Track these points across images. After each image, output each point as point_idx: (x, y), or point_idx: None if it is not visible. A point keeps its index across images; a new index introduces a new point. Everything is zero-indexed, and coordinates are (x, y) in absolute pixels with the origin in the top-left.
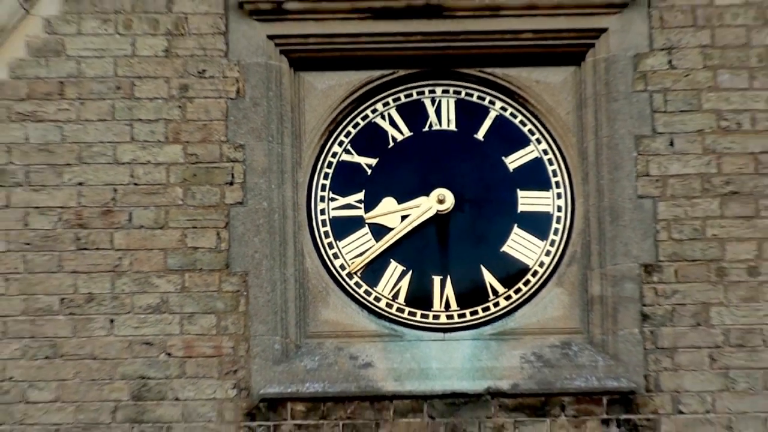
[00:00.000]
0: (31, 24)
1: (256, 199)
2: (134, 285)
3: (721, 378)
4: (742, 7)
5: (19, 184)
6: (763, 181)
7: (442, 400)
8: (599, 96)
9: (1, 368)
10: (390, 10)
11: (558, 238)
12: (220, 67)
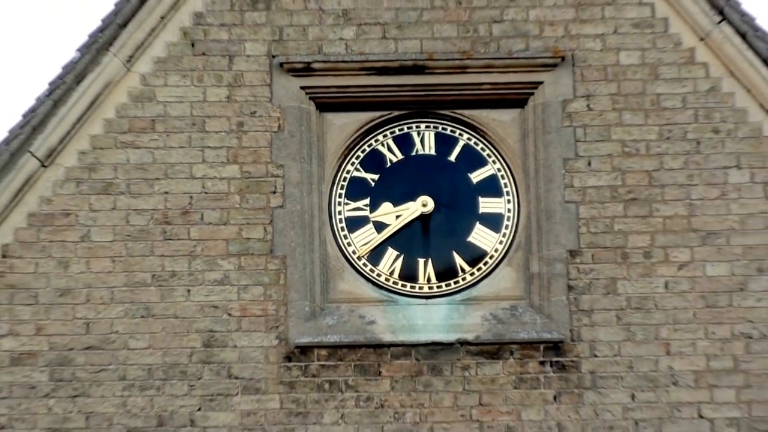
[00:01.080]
0: (131, 78)
1: (291, 203)
2: (204, 265)
3: (624, 331)
4: (639, 66)
5: (122, 192)
6: (654, 191)
7: (425, 347)
8: (537, 130)
9: (110, 324)
10: (387, 69)
11: (508, 232)
12: (266, 109)
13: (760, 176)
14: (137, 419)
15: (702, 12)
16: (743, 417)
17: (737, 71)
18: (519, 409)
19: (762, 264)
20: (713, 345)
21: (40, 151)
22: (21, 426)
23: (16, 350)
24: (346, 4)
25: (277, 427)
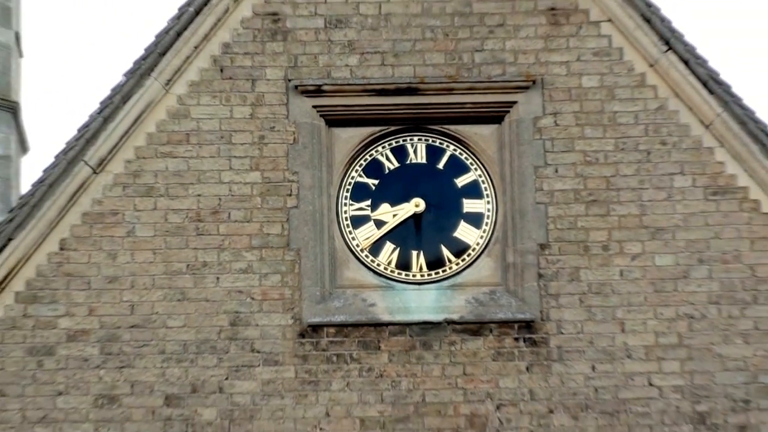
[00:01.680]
0: (169, 99)
1: (305, 204)
2: (231, 256)
3: (585, 312)
4: (598, 89)
5: (161, 195)
6: (611, 194)
7: (417, 326)
8: (512, 142)
9: (151, 306)
10: (386, 90)
11: (487, 228)
12: (284, 125)
13: (700, 181)
14: (174, 387)
15: (651, 43)
16: (686, 385)
17: (681, 93)
18: (497, 378)
19: (702, 255)
20: (661, 324)
21: (92, 160)
22: (76, 392)
23: (72, 328)
24: (351, 35)
25: (293, 393)
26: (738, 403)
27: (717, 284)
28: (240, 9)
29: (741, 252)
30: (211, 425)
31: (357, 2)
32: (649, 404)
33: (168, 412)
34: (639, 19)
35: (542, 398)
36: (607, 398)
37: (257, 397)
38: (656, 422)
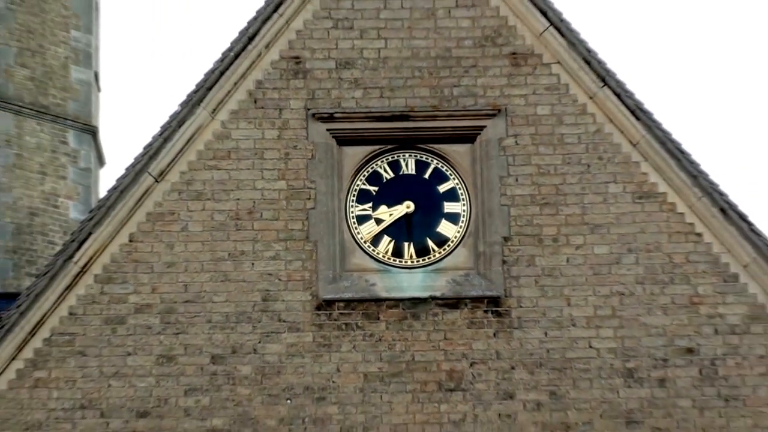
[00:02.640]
0: (214, 124)
1: (321, 206)
2: (263, 246)
3: (539, 291)
4: (549, 116)
5: (208, 199)
6: (559, 198)
7: (409, 301)
8: (482, 157)
9: (200, 286)
10: (383, 117)
11: (463, 225)
12: (304, 144)
13: (629, 188)
14: (218, 348)
15: (590, 80)
16: (618, 347)
17: (614, 119)
18: (470, 342)
19: (630, 246)
20: (598, 299)
21: (154, 171)
22: (141, 353)
23: (138, 303)
24: (356, 74)
25: (311, 354)
26: (658, 361)
27: (642, 268)
28: (270, 54)
29: (661, 243)
30: (247, 378)
31: (361, 48)
32: (589, 362)
33: (213, 369)
34: (581, 61)
35: (505, 357)
36: (556, 357)
37: (283, 356)
38: (594, 376)
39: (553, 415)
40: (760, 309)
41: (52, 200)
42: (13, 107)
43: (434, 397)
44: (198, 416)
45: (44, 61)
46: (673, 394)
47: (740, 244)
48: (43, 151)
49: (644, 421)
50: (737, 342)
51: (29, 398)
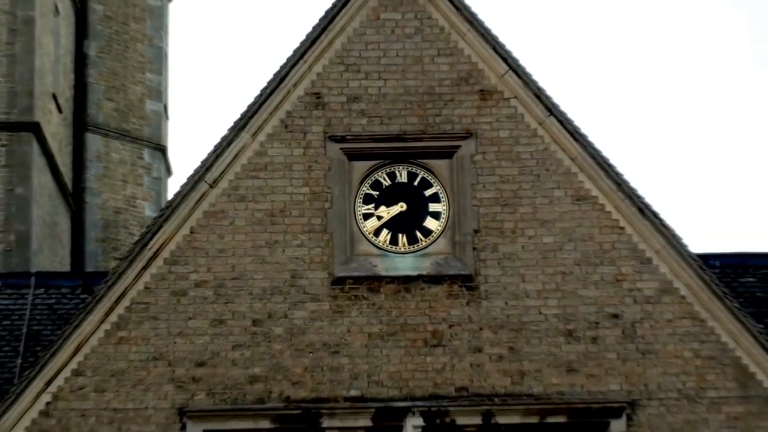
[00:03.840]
0: (255, 144)
1: (336, 206)
2: (291, 237)
3: (501, 270)
4: (508, 138)
5: (250, 200)
6: (517, 200)
7: (402, 278)
8: (458, 169)
9: (244, 267)
10: (383, 138)
11: (443, 221)
12: (323, 159)
13: (569, 193)
14: (257, 314)
15: (540, 110)
16: (560, 313)
17: (557, 139)
18: (449, 309)
19: (570, 236)
20: (546, 277)
21: (209, 179)
22: (199, 318)
23: (196, 279)
24: (362, 106)
25: (327, 318)
26: (591, 324)
27: (579, 254)
28: (296, 91)
29: (593, 234)
30: (279, 337)
31: (366, 86)
32: (539, 325)
33: (254, 330)
34: (533, 96)
35: (475, 321)
36: (514, 321)
37: (307, 320)
38: (543, 335)
39: (512, 364)
40: (669, 284)
41: (132, 202)
42: (101, 131)
43: (421, 351)
44: (242, 366)
45: (126, 97)
46: (602, 349)
47: (653, 235)
48: (125, 165)
49: (580, 369)
50: (651, 309)
51: (114, 352)
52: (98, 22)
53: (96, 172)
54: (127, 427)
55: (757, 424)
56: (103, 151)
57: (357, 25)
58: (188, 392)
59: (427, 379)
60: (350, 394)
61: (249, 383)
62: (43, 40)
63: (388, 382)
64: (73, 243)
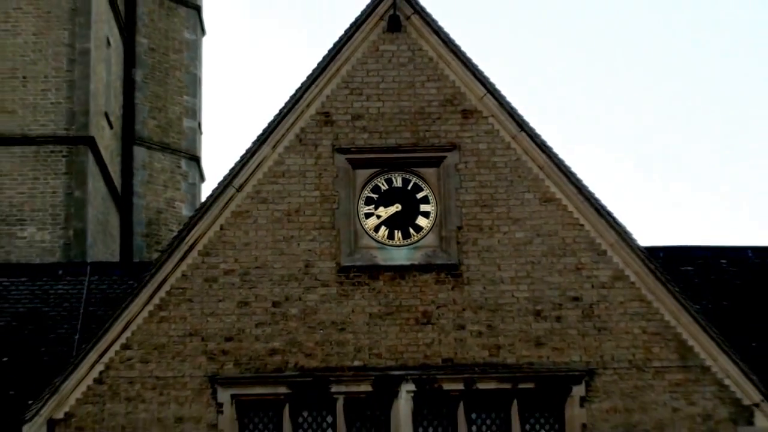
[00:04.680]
0: (275, 154)
1: (342, 207)
2: (305, 233)
3: (480, 260)
4: (485, 150)
5: (272, 202)
6: (493, 201)
7: (398, 267)
8: (445, 176)
9: (265, 257)
10: (381, 150)
11: (432, 219)
12: (331, 168)
13: (537, 195)
14: (276, 297)
15: (513, 127)
16: (530, 296)
17: (528, 152)
18: (437, 293)
19: (538, 232)
20: (518, 266)
21: (236, 184)
22: (227, 301)
23: (225, 268)
24: (364, 123)
25: (335, 300)
26: (556, 305)
27: (546, 247)
28: (309, 110)
29: (557, 230)
30: (294, 316)
31: (367, 107)
32: (512, 306)
33: (274, 310)
34: (506, 114)
35: (459, 303)
36: (491, 303)
37: (318, 302)
38: (515, 315)
39: (489, 339)
40: (621, 272)
41: (171, 203)
42: (146, 144)
43: (414, 328)
44: (263, 341)
45: (166, 115)
46: (565, 326)
47: (607, 231)
48: (165, 172)
49: (547, 343)
50: (606, 293)
51: (156, 329)
52: (143, 53)
53: (141, 178)
54: (167, 392)
55: (694, 389)
56: (147, 161)
57: (360, 55)
58: (218, 363)
59: (419, 352)
60: (354, 364)
61: (269, 355)
62: (97, 68)
63: (386, 354)
64: (122, 238)
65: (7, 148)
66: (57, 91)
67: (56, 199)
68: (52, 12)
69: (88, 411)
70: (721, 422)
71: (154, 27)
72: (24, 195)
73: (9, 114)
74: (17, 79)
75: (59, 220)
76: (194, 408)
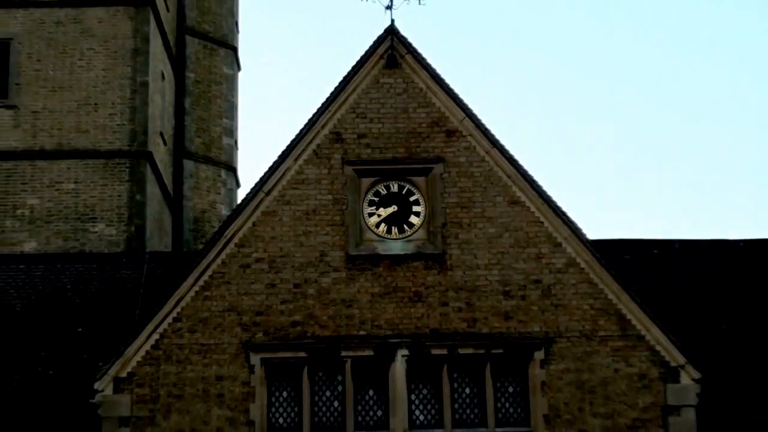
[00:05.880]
0: (296, 166)
1: (349, 208)
2: (320, 229)
3: (461, 251)
4: (465, 163)
5: (293, 204)
6: (471, 203)
7: (394, 256)
8: (432, 183)
9: (288, 248)
10: (382, 161)
11: (423, 218)
12: (341, 177)
13: (506, 198)
14: (297, 280)
15: (486, 143)
16: (501, 280)
17: (498, 164)
18: (425, 277)
19: (507, 228)
20: (491, 255)
21: (265, 189)
22: (258, 282)
23: (257, 257)
24: (367, 141)
25: (344, 281)
26: (521, 287)
27: (513, 240)
28: (323, 131)
29: (522, 227)
30: (312, 295)
31: (370, 128)
32: (486, 287)
33: (295, 290)
34: (481, 133)
35: (443, 285)
36: (469, 285)
37: (330, 284)
38: (489, 295)
39: (467, 314)
40: (573, 260)
41: (213, 205)
42: (193, 158)
43: (407, 305)
44: (287, 315)
45: (209, 135)
46: (528, 303)
47: (562, 227)
48: (209, 180)
49: (514, 317)
50: (561, 277)
51: (200, 306)
52: (191, 84)
53: (189, 185)
54: (210, 356)
55: (632, 354)
56: (194, 171)
57: (364, 86)
58: (251, 332)
59: (411, 324)
60: (359, 333)
61: (291, 326)
62: (154, 97)
63: (385, 325)
64: (173, 233)
65: (83, 161)
66: (122, 115)
67: (121, 202)
68: (118, 52)
69: (146, 371)
70: (653, 380)
71: (199, 64)
72: (95, 198)
73: (84, 133)
74: (90, 105)
75: (123, 219)
76: (231, 369)
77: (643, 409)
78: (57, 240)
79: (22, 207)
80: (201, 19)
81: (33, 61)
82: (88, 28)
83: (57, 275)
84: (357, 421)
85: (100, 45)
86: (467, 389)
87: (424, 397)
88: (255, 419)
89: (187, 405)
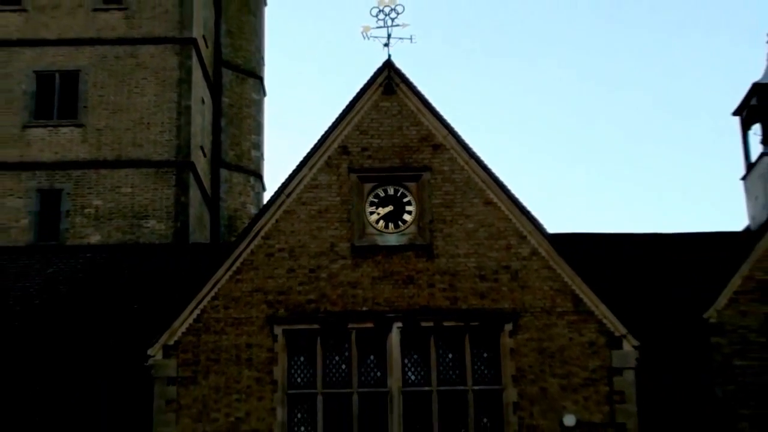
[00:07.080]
0: (311, 174)
1: (354, 207)
2: (330, 224)
3: (447, 242)
4: (450, 170)
5: (308, 205)
6: (453, 204)
7: (391, 247)
8: (422, 188)
9: (306, 240)
10: (380, 168)
11: (413, 216)
12: (347, 183)
13: (483, 201)
14: (312, 266)
15: (466, 155)
16: (477, 266)
17: (476, 173)
18: (416, 263)
19: (482, 224)
20: (469, 246)
21: (286, 193)
22: (280, 267)
23: (279, 247)
24: (369, 153)
25: (350, 268)
26: (494, 272)
27: (487, 234)
28: (333, 145)
29: (494, 223)
30: (324, 278)
31: (371, 142)
32: (465, 272)
33: (310, 274)
34: (461, 147)
35: (431, 270)
36: (452, 270)
37: (339, 270)
38: (468, 277)
39: (450, 293)
40: (535, 250)
41: (243, 205)
42: (227, 167)
43: (401, 285)
44: (304, 294)
45: (240, 148)
46: (500, 285)
47: (527, 223)
48: (240, 185)
49: (488, 296)
50: (526, 263)
51: (234, 286)
52: (226, 107)
53: (224, 189)
54: (241, 327)
55: (583, 326)
56: (228, 177)
57: (366, 109)
58: (274, 309)
59: (404, 302)
60: (363, 309)
61: (307, 304)
62: (196, 118)
63: (383, 303)
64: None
65: (138, 170)
66: (169, 132)
67: (169, 203)
68: (166, 81)
69: (189, 340)
70: (601, 347)
71: (232, 91)
72: (148, 199)
73: (139, 147)
74: (143, 125)
75: (171, 217)
76: (258, 338)
77: (592, 371)
78: (117, 234)
79: (89, 207)
80: (234, 54)
81: (98, 88)
82: (143, 62)
83: (117, 262)
84: (360, 380)
85: (152, 75)
86: (450, 354)
87: (415, 361)
88: (277, 379)
89: (223, 367)
